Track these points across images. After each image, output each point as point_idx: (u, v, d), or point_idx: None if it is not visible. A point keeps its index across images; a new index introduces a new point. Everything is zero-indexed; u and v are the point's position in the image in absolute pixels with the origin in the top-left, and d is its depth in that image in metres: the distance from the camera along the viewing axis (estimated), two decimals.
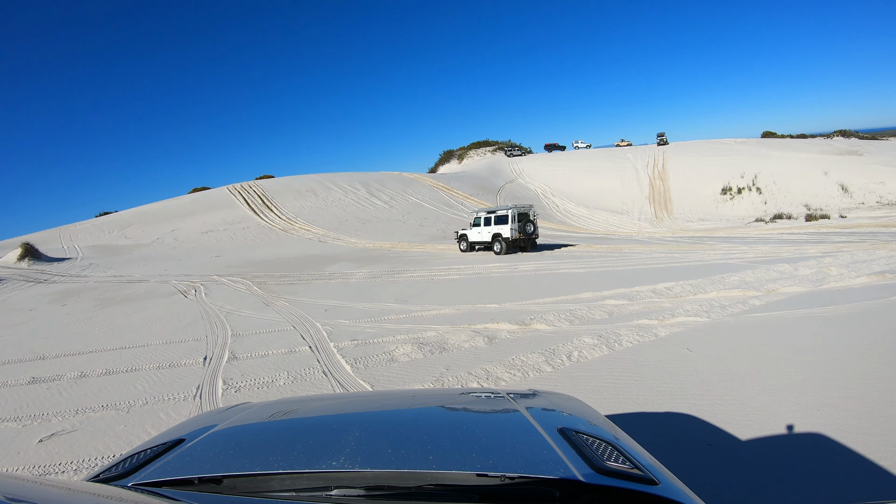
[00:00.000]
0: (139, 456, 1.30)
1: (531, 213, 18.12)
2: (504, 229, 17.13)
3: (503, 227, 17.18)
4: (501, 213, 17.71)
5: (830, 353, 5.30)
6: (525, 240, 17.34)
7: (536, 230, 17.89)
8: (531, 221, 17.67)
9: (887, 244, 13.65)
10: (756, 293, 8.64)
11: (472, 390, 3.76)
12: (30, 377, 6.11)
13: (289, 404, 1.93)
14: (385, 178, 40.54)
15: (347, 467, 1.09)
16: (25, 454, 4.06)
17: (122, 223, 29.93)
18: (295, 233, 26.75)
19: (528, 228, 17.37)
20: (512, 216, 17.13)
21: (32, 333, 8.88)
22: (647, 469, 1.14)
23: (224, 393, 5.16)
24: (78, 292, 13.67)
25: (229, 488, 1.11)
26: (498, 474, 1.05)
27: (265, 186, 36.31)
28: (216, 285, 12.97)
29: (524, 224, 17.26)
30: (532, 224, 17.60)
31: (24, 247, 20.66)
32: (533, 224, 17.66)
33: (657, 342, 6.10)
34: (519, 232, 17.01)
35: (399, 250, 19.78)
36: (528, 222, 17.43)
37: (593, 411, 1.70)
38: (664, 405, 4.23)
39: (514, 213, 17.22)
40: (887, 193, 29.33)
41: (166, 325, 8.57)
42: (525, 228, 17.19)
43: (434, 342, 6.48)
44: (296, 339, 7.11)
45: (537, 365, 5.43)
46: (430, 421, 1.54)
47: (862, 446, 3.34)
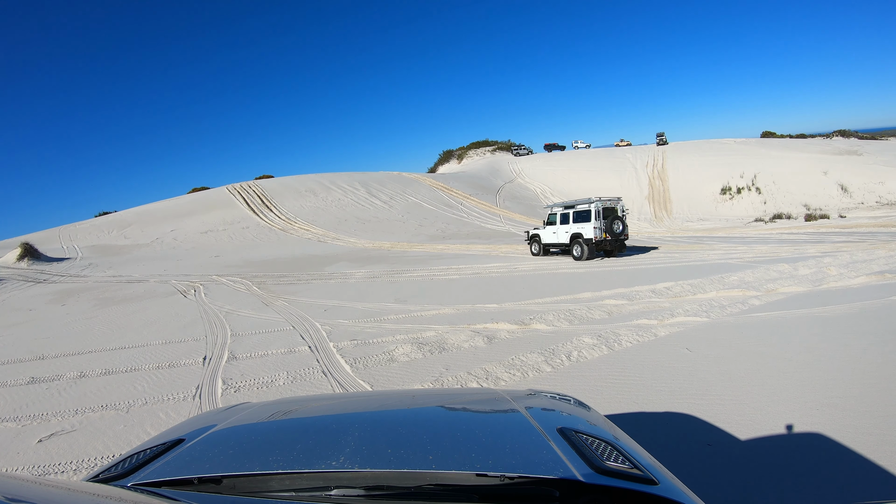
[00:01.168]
0: (139, 456, 1.29)
1: (619, 209, 14.97)
2: (586, 228, 14.43)
3: (585, 225, 14.49)
4: (582, 208, 14.84)
5: (830, 353, 5.31)
6: (612, 242, 14.38)
7: (626, 229, 14.80)
8: (619, 219, 14.59)
9: (887, 244, 13.65)
10: (755, 293, 8.64)
11: (471, 390, 3.76)
12: (29, 377, 6.10)
13: (288, 404, 1.92)
14: (384, 178, 40.53)
15: (347, 467, 1.09)
16: (25, 454, 4.05)
17: (122, 223, 29.90)
18: (294, 233, 26.73)
19: (617, 227, 14.39)
20: (595, 212, 14.27)
21: (32, 333, 8.87)
22: (646, 469, 1.15)
23: (223, 393, 5.15)
24: (77, 292, 13.66)
25: (229, 488, 1.11)
26: (497, 474, 1.05)
27: (265, 186, 36.29)
28: (216, 285, 12.97)
29: (611, 222, 14.35)
30: (621, 222, 14.56)
31: (23, 247, 20.63)
32: (622, 222, 14.61)
33: (657, 342, 6.10)
34: (605, 232, 14.21)
35: (399, 250, 19.77)
36: (615, 220, 14.45)
37: (593, 411, 1.70)
38: (663, 405, 4.23)
39: (598, 209, 14.31)
40: (887, 193, 29.33)
41: (166, 325, 8.57)
42: (612, 227, 14.30)
43: (433, 342, 6.48)
44: (295, 338, 7.11)
45: (537, 365, 5.43)
46: (429, 421, 1.54)
47: (862, 446, 3.34)
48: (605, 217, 14.44)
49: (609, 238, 14.27)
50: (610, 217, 14.50)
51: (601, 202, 14.52)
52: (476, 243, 20.88)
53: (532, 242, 16.61)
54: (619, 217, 14.68)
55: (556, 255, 15.91)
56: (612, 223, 14.39)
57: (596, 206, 14.38)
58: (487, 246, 19.52)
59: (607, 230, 14.27)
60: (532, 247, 16.55)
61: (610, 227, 14.32)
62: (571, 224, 14.97)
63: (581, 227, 14.62)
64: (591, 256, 14.32)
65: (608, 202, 14.79)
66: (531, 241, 16.67)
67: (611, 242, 14.35)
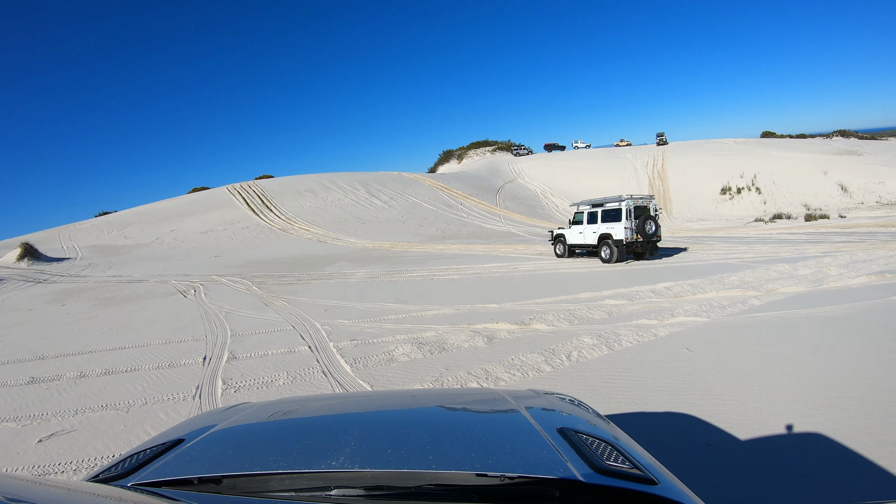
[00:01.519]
0: (138, 456, 1.29)
1: (652, 207, 13.83)
2: (616, 229, 13.34)
3: (614, 225, 13.41)
4: (612, 206, 13.71)
5: (830, 353, 5.31)
6: (644, 243, 13.32)
7: (659, 230, 13.67)
8: (652, 218, 13.50)
9: (886, 244, 13.66)
10: (755, 293, 8.64)
11: (471, 390, 3.76)
12: (29, 377, 6.10)
13: (288, 404, 1.92)
14: (384, 177, 40.53)
15: (347, 467, 1.09)
16: (25, 454, 4.05)
17: (122, 223, 29.91)
18: (294, 233, 26.73)
19: (649, 228, 13.32)
20: (626, 211, 13.21)
21: (32, 333, 8.87)
22: (646, 469, 1.15)
23: (223, 393, 5.15)
24: (77, 292, 13.66)
25: (229, 488, 1.11)
26: (497, 474, 1.05)
27: (264, 186, 36.29)
28: (216, 285, 12.97)
29: (643, 222, 13.23)
30: (653, 222, 13.47)
31: (23, 247, 20.64)
32: (654, 222, 13.49)
33: (657, 342, 6.10)
34: (636, 232, 13.14)
35: (398, 250, 19.77)
36: (647, 219, 13.36)
37: (593, 411, 1.70)
38: (664, 405, 4.23)
39: (629, 207, 13.25)
40: (887, 193, 29.34)
41: (166, 325, 8.57)
42: (644, 228, 13.21)
43: (433, 342, 6.48)
44: (295, 339, 7.11)
45: (537, 365, 5.43)
46: (429, 421, 1.54)
47: (861, 446, 3.34)
48: (637, 216, 13.36)
49: (640, 239, 13.21)
50: (642, 216, 13.39)
51: (632, 200, 13.40)
52: (476, 243, 20.88)
53: (556, 243, 15.63)
54: (651, 216, 13.54)
55: (581, 256, 15.07)
56: (643, 223, 13.27)
57: (627, 205, 13.28)
58: (487, 246, 19.51)
59: (639, 230, 13.16)
60: (556, 247, 15.61)
61: (641, 227, 13.21)
62: (599, 224, 13.91)
63: (610, 227, 13.50)
64: (621, 259, 13.31)
65: (640, 200, 13.65)
66: (555, 241, 15.68)
67: (642, 244, 13.30)
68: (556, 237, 15.74)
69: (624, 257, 13.36)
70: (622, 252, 13.25)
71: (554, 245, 15.78)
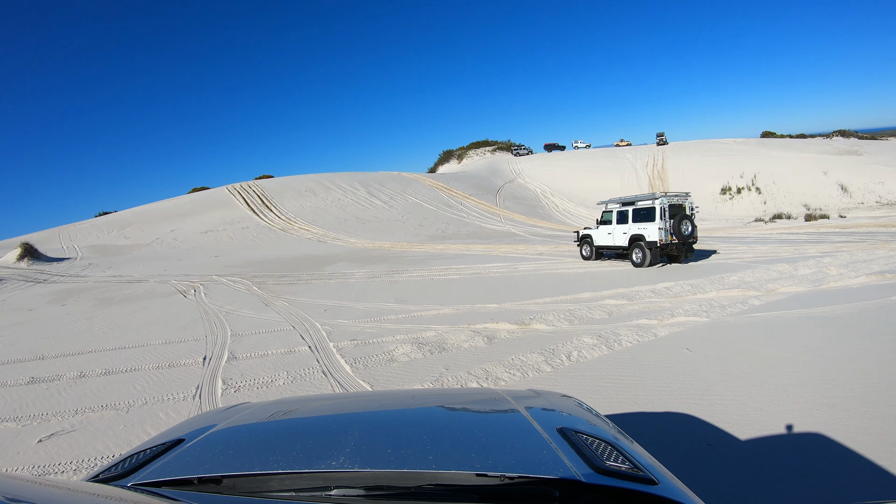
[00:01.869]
0: (138, 456, 1.29)
1: (688, 206, 12.68)
2: (649, 229, 12.28)
3: (647, 225, 12.37)
4: (644, 204, 12.63)
5: (830, 353, 5.31)
6: (680, 245, 12.25)
7: (695, 231, 12.53)
8: (689, 218, 12.35)
9: (886, 244, 13.66)
10: (755, 293, 8.64)
11: (471, 390, 3.76)
12: (29, 377, 6.10)
13: (288, 404, 1.92)
14: (384, 177, 40.53)
15: (347, 467, 1.09)
16: (25, 454, 4.05)
17: (122, 223, 29.90)
18: (294, 233, 26.73)
19: (685, 228, 12.20)
20: (661, 209, 12.12)
21: (32, 333, 8.87)
22: (646, 469, 1.15)
23: (223, 393, 5.15)
24: (77, 292, 13.66)
25: (229, 488, 1.11)
26: (497, 474, 1.05)
27: (264, 186, 36.28)
28: (216, 285, 12.97)
29: (679, 221, 12.14)
30: (689, 222, 12.33)
31: (23, 246, 20.63)
32: (691, 222, 12.36)
33: (657, 342, 6.10)
34: (672, 233, 12.07)
35: (398, 250, 19.77)
36: (683, 219, 12.23)
37: (593, 411, 1.70)
38: (664, 405, 4.23)
39: (663, 206, 12.15)
40: (887, 193, 29.36)
41: (166, 325, 8.57)
42: (680, 228, 12.11)
43: (433, 342, 6.48)
44: (295, 339, 7.11)
45: (537, 365, 5.43)
46: (429, 421, 1.54)
47: (861, 446, 3.34)
48: (671, 216, 12.24)
49: (675, 241, 12.11)
50: (677, 216, 12.27)
51: (667, 197, 12.30)
52: (476, 243, 20.88)
53: (583, 244, 14.61)
54: (687, 216, 12.37)
55: (610, 259, 14.16)
56: (679, 223, 12.14)
57: (661, 203, 12.17)
58: (487, 246, 19.51)
59: (674, 231, 12.04)
60: (582, 249, 14.59)
61: (677, 227, 12.07)
62: (630, 224, 12.86)
63: (642, 228, 12.45)
64: (654, 262, 12.30)
65: (675, 197, 12.51)
66: (581, 242, 14.70)
67: (677, 246, 12.22)
68: (582, 238, 14.74)
69: (658, 260, 12.36)
70: (656, 255, 12.20)
71: (580, 246, 14.76)
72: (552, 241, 20.91)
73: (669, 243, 12.11)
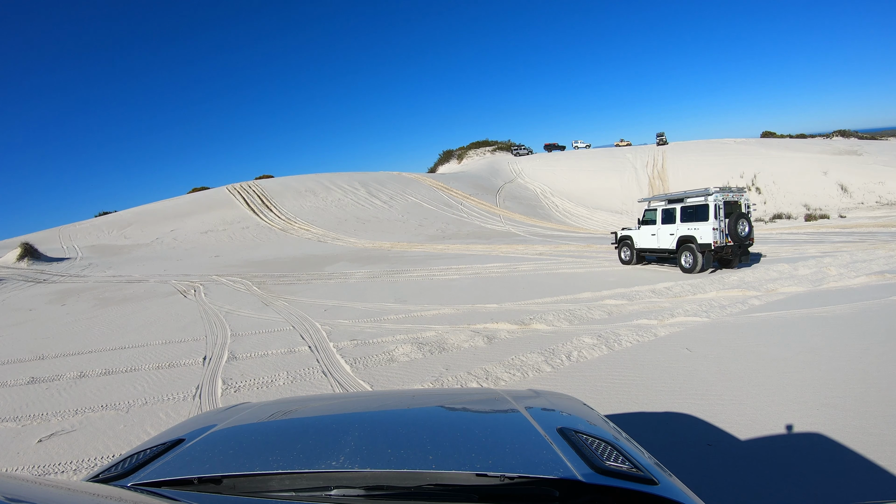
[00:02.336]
0: (138, 456, 1.29)
1: (744, 203, 11.38)
2: (701, 230, 10.86)
3: (699, 226, 10.93)
4: (695, 201, 11.21)
5: (830, 353, 5.31)
6: (735, 248, 10.94)
7: (752, 232, 11.22)
8: (746, 217, 11.06)
9: (886, 244, 13.66)
10: (755, 293, 8.64)
11: (471, 390, 3.76)
12: (29, 377, 6.10)
13: (288, 404, 1.92)
14: (384, 177, 40.53)
15: (347, 467, 1.09)
16: (25, 454, 4.05)
17: (122, 223, 29.90)
18: (294, 233, 26.73)
19: (742, 229, 10.88)
20: (715, 207, 10.74)
21: (32, 333, 8.87)
22: (646, 469, 1.15)
23: (223, 393, 5.15)
24: (77, 292, 13.65)
25: (229, 488, 1.11)
26: (497, 474, 1.05)
27: (264, 186, 36.28)
28: (215, 285, 12.96)
29: (735, 221, 10.78)
30: (746, 221, 11.03)
31: (23, 246, 20.63)
32: (748, 222, 11.06)
33: (656, 342, 6.10)
34: (728, 235, 10.73)
35: (398, 250, 19.77)
36: (740, 218, 10.92)
37: (593, 411, 1.70)
38: (664, 405, 4.23)
39: (718, 203, 10.77)
40: (887, 193, 29.35)
41: (166, 325, 8.57)
42: (736, 229, 10.76)
43: (433, 342, 6.48)
44: (295, 338, 7.11)
45: (537, 365, 5.43)
46: (429, 421, 1.54)
47: (861, 446, 3.34)
48: (727, 214, 10.92)
49: (731, 243, 10.76)
50: (733, 214, 10.91)
51: (721, 193, 10.93)
52: (476, 243, 20.87)
53: (621, 246, 13.17)
54: (744, 214, 11.04)
55: (652, 262, 12.87)
56: (735, 222, 10.76)
57: (715, 200, 10.77)
58: (487, 246, 19.51)
59: (730, 232, 10.67)
60: (621, 252, 13.15)
61: (733, 227, 10.68)
62: (678, 223, 11.45)
63: (693, 228, 11.04)
64: (707, 267, 10.92)
65: (730, 193, 11.17)
66: (620, 244, 13.24)
67: (733, 249, 10.89)
68: (620, 240, 13.23)
69: (710, 265, 11.00)
70: (708, 259, 10.81)
71: (618, 249, 13.30)
72: (552, 241, 20.91)
73: (725, 246, 10.68)
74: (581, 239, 21.58)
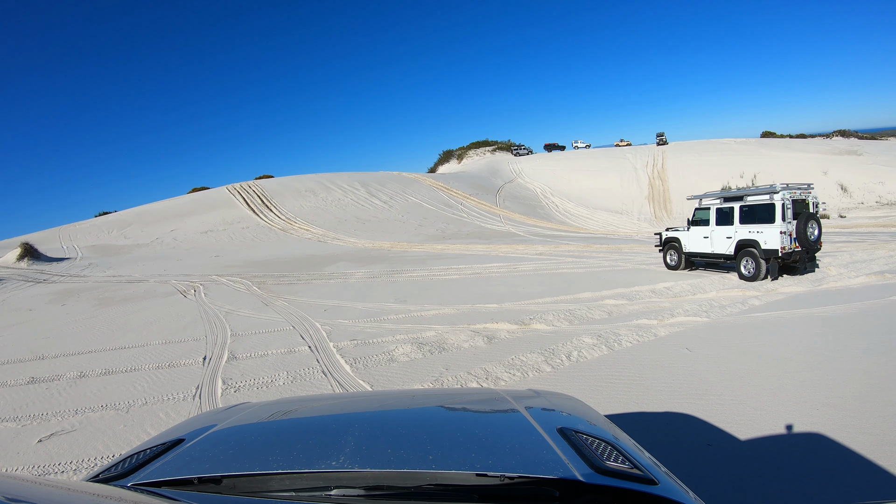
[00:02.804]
0: (138, 456, 1.29)
1: (812, 202, 10.09)
2: (766, 233, 9.64)
3: (763, 228, 9.72)
4: (758, 200, 9.94)
5: (830, 353, 5.31)
6: (803, 254, 9.69)
7: (821, 234, 9.97)
8: (815, 218, 9.80)
9: (886, 244, 13.66)
10: (755, 293, 8.64)
11: (471, 390, 3.76)
12: (29, 377, 6.10)
13: (288, 404, 1.92)
14: (384, 177, 40.53)
15: (347, 467, 1.09)
16: (25, 454, 4.05)
17: (122, 223, 29.90)
18: (294, 233, 26.73)
19: (812, 232, 9.65)
20: (782, 207, 9.48)
21: (32, 333, 8.87)
22: (646, 469, 1.15)
23: (223, 393, 5.15)
24: (77, 292, 13.66)
25: (229, 488, 1.11)
26: (497, 474, 1.05)
27: (265, 186, 36.28)
28: (216, 285, 12.97)
29: (805, 223, 9.54)
30: (817, 223, 9.79)
31: (23, 246, 20.63)
32: (818, 223, 9.81)
33: (657, 342, 6.10)
34: (797, 238, 9.52)
35: (398, 250, 19.77)
36: (810, 220, 9.67)
37: (593, 411, 1.70)
38: (664, 405, 4.23)
39: (785, 201, 9.51)
40: (886, 193, 29.35)
41: (166, 325, 8.57)
42: (806, 232, 9.53)
43: (433, 342, 6.48)
44: (295, 338, 7.11)
45: (537, 365, 5.43)
46: (429, 421, 1.54)
47: (861, 446, 3.35)
48: (795, 214, 9.71)
49: (799, 248, 9.54)
50: (801, 215, 9.62)
51: (789, 190, 9.67)
52: (476, 243, 20.88)
53: (668, 249, 11.82)
54: (812, 215, 9.78)
55: (699, 268, 11.63)
56: (805, 224, 9.50)
57: (783, 198, 9.50)
58: (487, 246, 19.51)
59: (799, 237, 9.46)
60: (667, 256, 11.80)
61: (802, 231, 9.45)
62: (737, 225, 10.23)
63: (756, 231, 9.83)
64: (773, 275, 9.69)
65: (797, 189, 9.89)
66: (666, 247, 11.90)
67: (799, 254, 9.59)
68: (666, 242, 11.93)
69: (776, 274, 9.72)
70: (774, 267, 9.62)
71: (664, 252, 11.97)
72: (552, 241, 20.91)
73: (793, 251, 9.45)
74: (581, 239, 21.58)
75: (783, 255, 9.43)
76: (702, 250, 11.03)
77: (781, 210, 9.49)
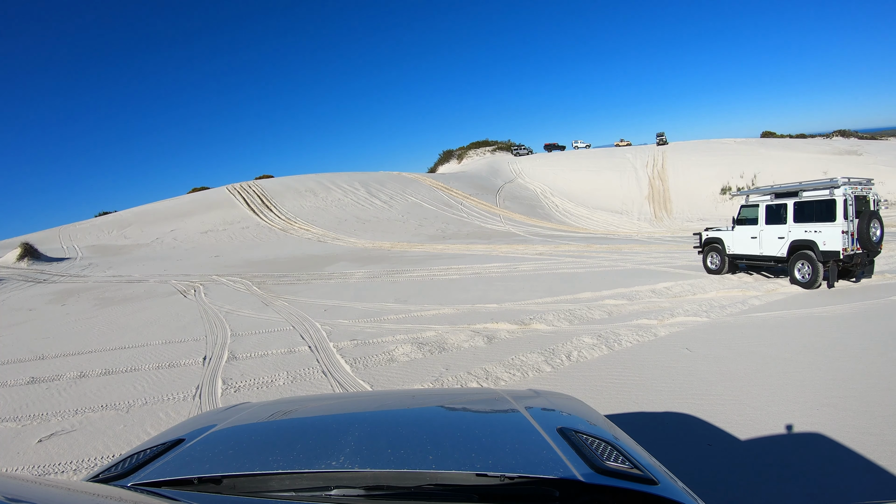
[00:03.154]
0: (138, 456, 1.29)
1: (873, 199, 8.95)
2: (826, 233, 8.70)
3: (822, 227, 8.77)
4: (816, 195, 8.95)
5: (830, 353, 5.31)
6: (864, 255, 8.76)
7: (884, 235, 9.10)
8: (878, 217, 8.82)
9: (886, 244, 13.66)
10: (755, 293, 8.64)
11: (471, 390, 3.77)
12: (29, 377, 6.10)
13: (288, 404, 1.92)
14: (384, 177, 40.53)
15: (347, 467, 1.09)
16: (25, 454, 4.05)
17: (122, 223, 29.91)
18: (294, 233, 26.73)
19: (874, 233, 8.68)
20: (844, 203, 8.51)
21: (32, 333, 8.87)
22: (646, 469, 1.14)
23: (223, 393, 5.16)
24: (77, 292, 13.66)
25: (229, 488, 1.11)
26: (497, 474, 1.05)
27: (264, 186, 36.28)
28: (216, 285, 12.97)
29: (867, 222, 8.57)
30: (879, 223, 8.83)
31: (23, 246, 20.63)
32: (881, 223, 8.86)
33: (657, 342, 6.10)
34: (859, 240, 8.58)
35: (398, 250, 19.77)
36: (873, 219, 8.67)
37: (593, 411, 1.70)
38: (664, 405, 4.23)
39: (847, 198, 8.53)
40: (887, 193, 29.34)
41: (166, 325, 8.57)
42: (868, 233, 8.56)
43: (433, 342, 6.48)
44: (295, 338, 7.11)
45: (537, 365, 5.43)
46: (429, 421, 1.54)
47: (861, 446, 3.34)
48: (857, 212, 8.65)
49: (860, 250, 8.61)
50: (863, 213, 8.63)
51: (850, 185, 8.65)
52: (476, 243, 20.88)
53: (709, 251, 10.80)
54: (875, 214, 8.77)
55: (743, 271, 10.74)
56: (867, 224, 8.54)
57: (845, 194, 8.52)
58: (487, 246, 19.51)
59: (861, 237, 8.54)
60: (708, 258, 10.78)
61: (864, 231, 8.51)
62: (790, 223, 9.24)
63: (813, 230, 8.87)
64: (831, 280, 8.75)
65: (858, 186, 8.81)
66: (707, 248, 10.88)
67: (860, 257, 8.66)
68: (706, 243, 10.92)
69: (835, 279, 8.79)
70: (833, 271, 8.68)
71: (704, 254, 10.93)
72: (552, 241, 20.92)
73: (854, 254, 8.50)
74: (581, 239, 21.58)
75: (844, 258, 8.49)
76: (748, 252, 10.02)
77: (844, 207, 8.48)
